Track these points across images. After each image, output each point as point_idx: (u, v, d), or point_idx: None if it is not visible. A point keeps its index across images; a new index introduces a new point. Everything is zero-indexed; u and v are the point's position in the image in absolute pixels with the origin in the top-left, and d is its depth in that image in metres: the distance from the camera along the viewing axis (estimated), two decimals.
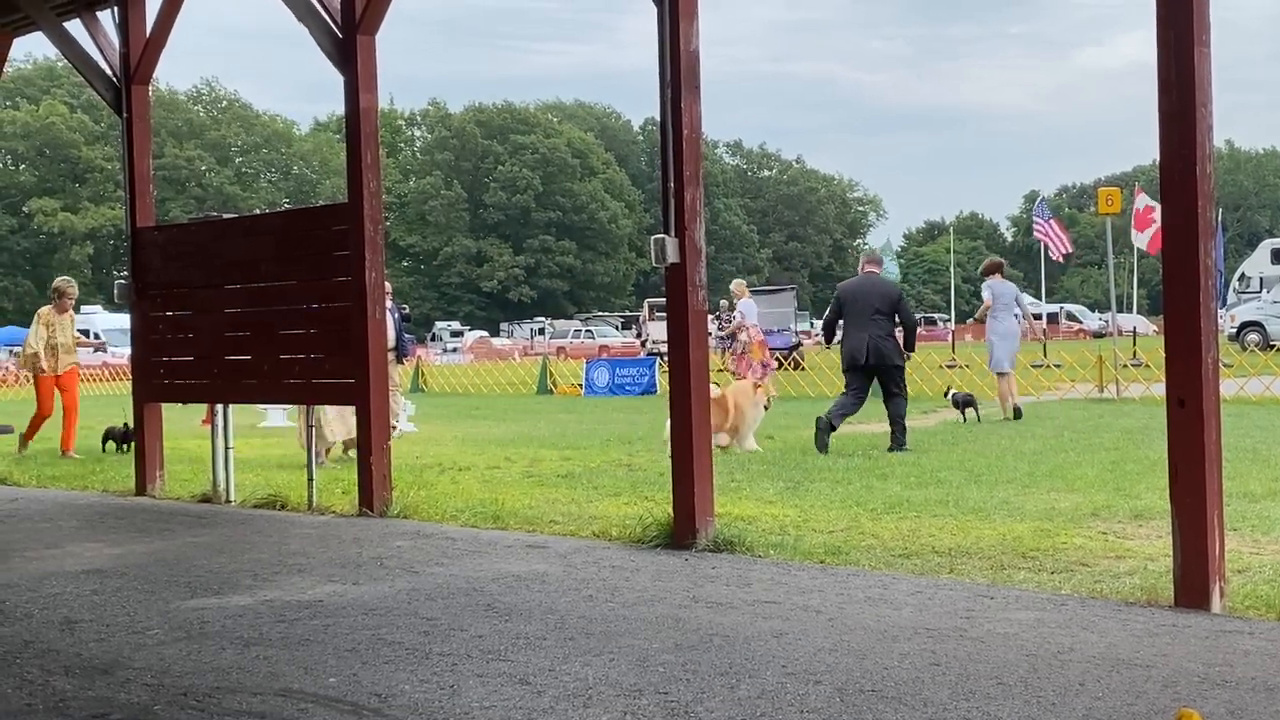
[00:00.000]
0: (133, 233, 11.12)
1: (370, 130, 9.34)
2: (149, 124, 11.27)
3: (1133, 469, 10.44)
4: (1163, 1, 5.65)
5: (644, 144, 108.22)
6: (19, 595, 6.57)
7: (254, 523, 9.07)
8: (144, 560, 7.54)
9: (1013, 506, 8.65)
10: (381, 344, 9.50)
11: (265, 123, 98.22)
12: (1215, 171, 5.84)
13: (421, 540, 7.98)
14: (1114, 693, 4.34)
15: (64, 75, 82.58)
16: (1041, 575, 6.46)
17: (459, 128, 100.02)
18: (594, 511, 9.00)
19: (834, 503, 9.07)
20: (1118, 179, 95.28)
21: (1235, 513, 7.69)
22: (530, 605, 5.98)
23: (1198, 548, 5.57)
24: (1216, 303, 5.83)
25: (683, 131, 7.51)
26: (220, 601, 6.27)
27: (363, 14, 9.21)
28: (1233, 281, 43.69)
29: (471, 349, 61.61)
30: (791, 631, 5.33)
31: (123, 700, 4.57)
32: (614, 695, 4.46)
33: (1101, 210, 21.65)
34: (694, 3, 7.55)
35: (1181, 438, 5.65)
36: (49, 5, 11.27)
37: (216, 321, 10.48)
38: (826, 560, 6.98)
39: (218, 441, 10.39)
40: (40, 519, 9.55)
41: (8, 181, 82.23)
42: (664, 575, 6.66)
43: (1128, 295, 75.87)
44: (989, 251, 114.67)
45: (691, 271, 7.57)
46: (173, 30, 10.95)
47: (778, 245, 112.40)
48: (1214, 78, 5.67)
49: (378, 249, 9.30)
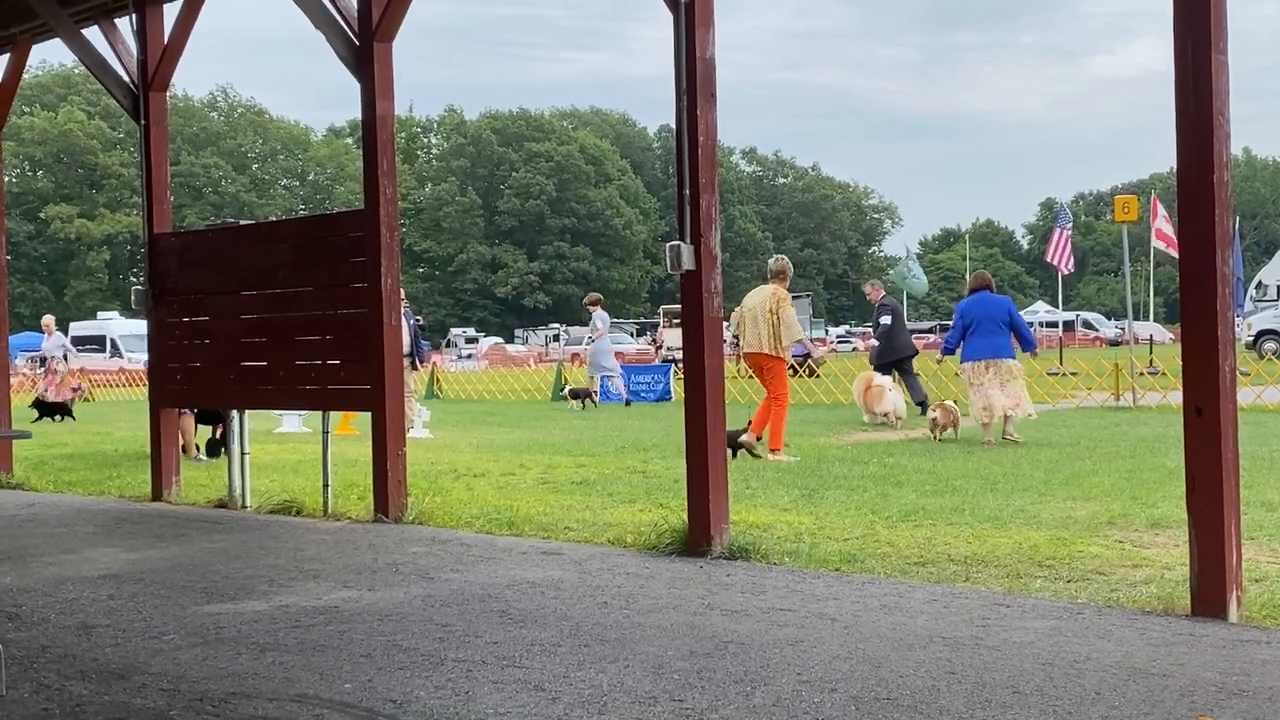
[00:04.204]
0: (150, 239, 11.15)
1: (386, 137, 9.36)
2: (166, 130, 11.31)
3: (1149, 477, 10.40)
4: (1179, 10, 5.64)
5: (659, 151, 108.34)
6: (36, 600, 6.59)
7: (270, 528, 9.09)
8: (160, 565, 7.56)
9: (1029, 515, 8.62)
10: (397, 350, 9.51)
11: (281, 129, 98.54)
12: (1232, 179, 5.82)
13: (437, 546, 7.98)
14: (1130, 702, 4.32)
15: (81, 82, 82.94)
16: (1058, 584, 6.44)
17: (474, 134, 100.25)
18: (609, 518, 9.00)
19: (849, 510, 9.06)
20: (1134, 187, 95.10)
21: (1252, 521, 7.65)
22: (545, 612, 5.98)
23: (1215, 557, 5.55)
24: (1234, 311, 5.81)
25: (698, 139, 7.51)
26: (236, 607, 6.29)
27: (379, 22, 9.24)
28: (1249, 289, 43.50)
29: (486, 355, 61.67)
30: (806, 639, 5.32)
31: (139, 705, 4.59)
32: (629, 702, 4.46)
33: (1118, 218, 21.58)
34: (710, 11, 7.55)
35: (1198, 446, 5.63)
36: (67, 12, 11.32)
37: (233, 327, 10.50)
38: (842, 568, 6.97)
39: (233, 447, 10.43)
40: (57, 524, 9.59)
41: (25, 188, 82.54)
42: (679, 582, 6.66)
43: (1144, 303, 75.65)
44: (1005, 259, 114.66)
45: (707, 278, 7.57)
46: (190, 37, 11.00)
47: (793, 252, 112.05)
48: (1231, 85, 5.65)
49: (394, 255, 9.32)
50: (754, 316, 13.16)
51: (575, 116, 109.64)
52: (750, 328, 13.21)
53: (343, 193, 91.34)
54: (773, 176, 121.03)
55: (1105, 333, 67.55)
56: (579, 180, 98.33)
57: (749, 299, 13.42)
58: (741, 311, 13.43)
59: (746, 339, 13.30)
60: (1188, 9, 5.62)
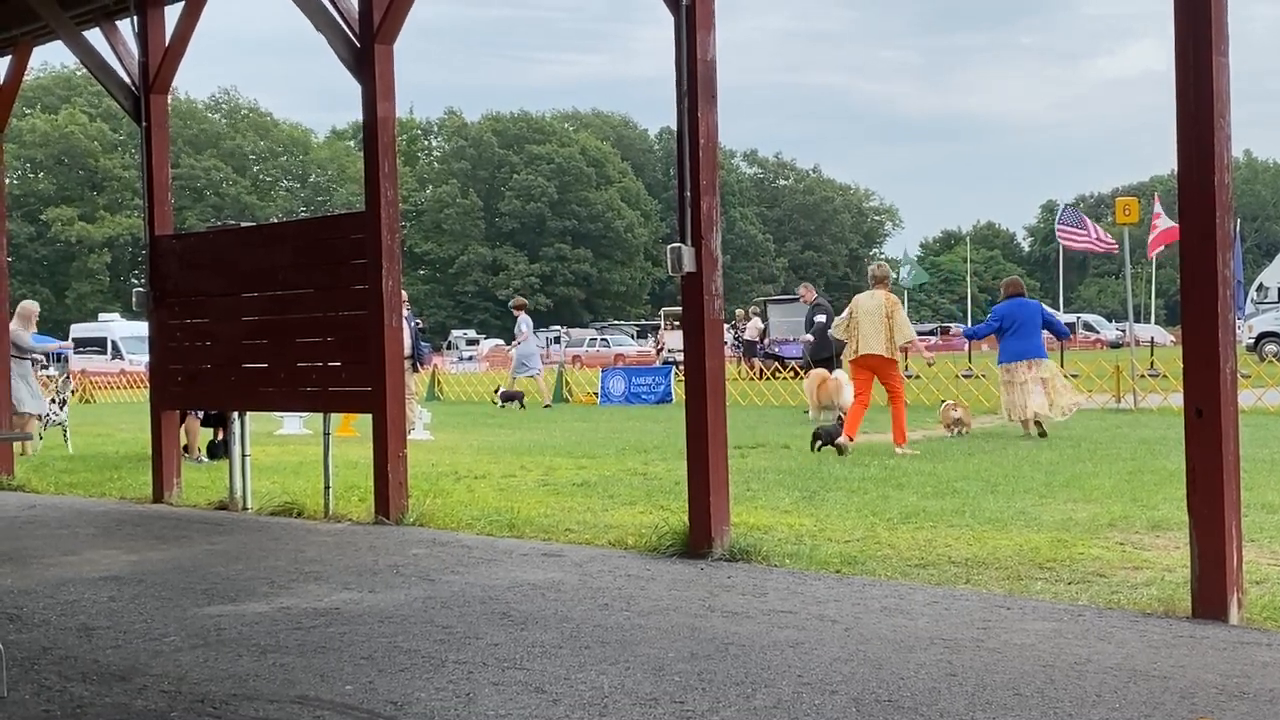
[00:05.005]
0: (151, 241, 11.16)
1: (388, 139, 9.36)
2: (168, 133, 11.33)
3: (1150, 479, 10.40)
4: (1180, 12, 5.64)
5: (660, 153, 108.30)
6: (37, 601, 6.60)
7: (270, 530, 9.09)
8: (161, 567, 7.56)
9: (1030, 517, 8.62)
10: (398, 352, 9.52)
11: (283, 131, 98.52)
12: (1233, 182, 5.82)
13: (437, 548, 7.99)
14: (1131, 704, 4.32)
15: (82, 84, 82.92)
16: (1059, 586, 6.44)
17: (475, 136, 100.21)
18: (609, 520, 9.00)
19: (850, 512, 9.06)
20: (1134, 189, 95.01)
21: (1253, 524, 7.66)
22: (546, 614, 5.98)
23: (1215, 559, 5.55)
24: (1235, 313, 5.81)
25: (699, 140, 7.52)
26: (237, 609, 6.29)
27: (380, 24, 9.25)
28: (1250, 292, 43.48)
29: (487, 357, 61.63)
30: (807, 641, 5.32)
31: (140, 707, 4.59)
32: (630, 704, 4.46)
33: (1119, 220, 21.56)
34: (711, 13, 7.56)
35: (1199, 448, 5.63)
36: (69, 14, 11.33)
37: (234, 329, 10.51)
38: (842, 570, 6.97)
39: (234, 449, 10.43)
40: (58, 526, 9.59)
41: (26, 190, 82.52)
42: (679, 584, 6.66)
43: (1145, 305, 75.63)
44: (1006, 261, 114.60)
45: (708, 280, 7.57)
46: (191, 39, 11.01)
47: (794, 254, 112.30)
48: (1231, 87, 5.65)
49: (395, 257, 9.33)
50: (870, 320, 13.77)
51: (576, 118, 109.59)
52: (868, 331, 13.79)
53: (344, 195, 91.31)
54: (774, 178, 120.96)
55: (1106, 335, 67.42)
56: (580, 182, 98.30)
57: (862, 304, 14.00)
58: (855, 316, 13.96)
59: (863, 341, 13.84)
60: (1189, 10, 5.62)
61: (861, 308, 13.93)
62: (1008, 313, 15.95)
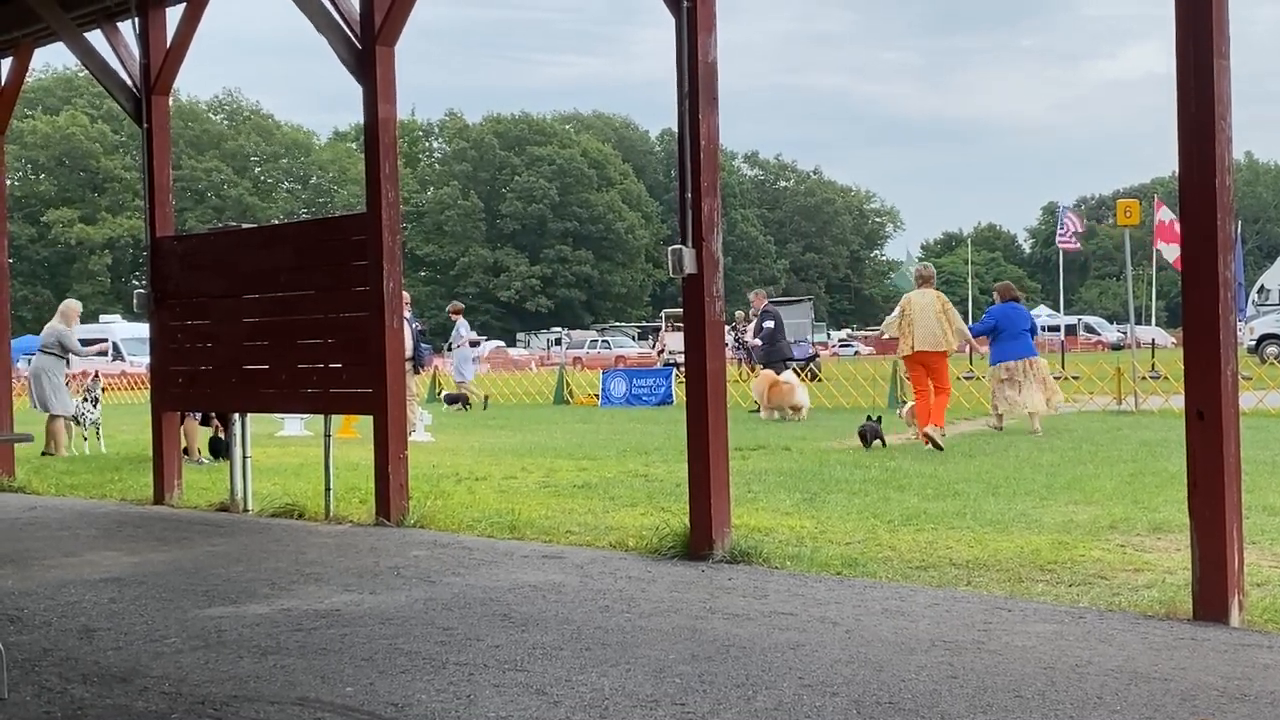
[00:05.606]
0: (152, 242, 11.16)
1: (389, 141, 9.36)
2: (169, 134, 11.32)
3: (1151, 481, 10.40)
4: (1182, 14, 5.64)
5: (661, 155, 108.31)
6: (38, 603, 6.60)
7: (271, 532, 9.09)
8: (162, 569, 7.56)
9: (1031, 519, 8.62)
10: (399, 354, 9.52)
11: (284, 133, 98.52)
12: (1235, 184, 5.82)
13: (438, 550, 7.99)
14: (1132, 706, 4.32)
15: (84, 85, 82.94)
16: (1059, 588, 6.44)
17: (476, 138, 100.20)
18: (610, 522, 9.00)
19: (851, 514, 9.06)
20: (1135, 191, 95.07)
21: (1254, 526, 7.66)
22: (547, 615, 5.98)
23: (1216, 561, 5.55)
24: (1236, 315, 5.81)
25: (700, 142, 7.52)
26: (238, 610, 6.29)
27: (382, 25, 9.25)
28: (1251, 294, 43.53)
29: (488, 359, 61.65)
30: (808, 643, 5.32)
31: (141, 708, 4.59)
32: (630, 706, 4.46)
33: (1120, 222, 21.55)
34: (712, 15, 7.56)
35: (1200, 450, 5.63)
36: (70, 16, 11.34)
37: (235, 331, 10.51)
38: (843, 572, 6.96)
39: (235, 451, 10.43)
40: (59, 527, 9.59)
41: (27, 191, 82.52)
42: (680, 586, 6.66)
43: (1146, 307, 75.61)
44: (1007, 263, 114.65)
45: (709, 282, 7.57)
46: (193, 41, 11.01)
47: (795, 256, 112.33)
48: (1233, 89, 5.65)
49: (396, 259, 9.33)
50: (925, 318, 14.38)
51: (577, 120, 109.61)
52: (922, 328, 14.37)
53: (345, 196, 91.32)
54: (774, 180, 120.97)
55: (1107, 336, 67.36)
56: (581, 184, 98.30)
57: (915, 301, 14.64)
58: (908, 313, 14.51)
59: (917, 338, 14.43)
60: (1190, 12, 5.62)
61: (915, 305, 14.55)
62: (1003, 315, 16.67)
